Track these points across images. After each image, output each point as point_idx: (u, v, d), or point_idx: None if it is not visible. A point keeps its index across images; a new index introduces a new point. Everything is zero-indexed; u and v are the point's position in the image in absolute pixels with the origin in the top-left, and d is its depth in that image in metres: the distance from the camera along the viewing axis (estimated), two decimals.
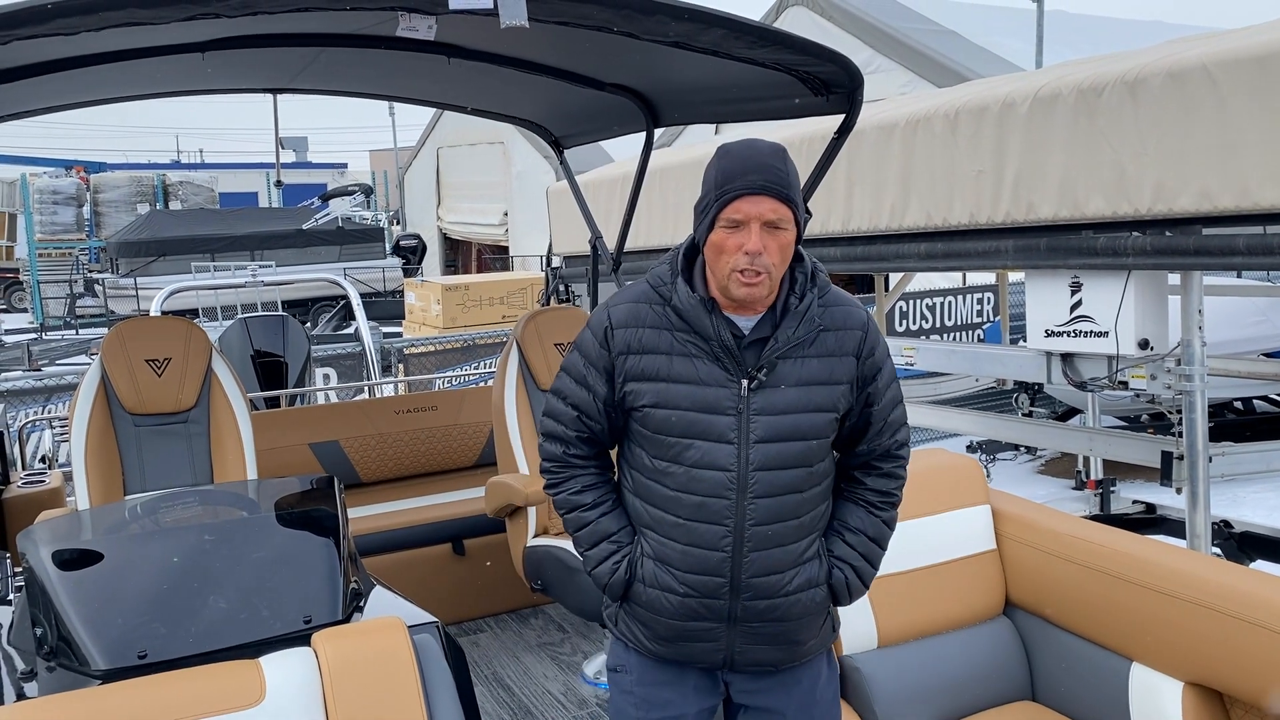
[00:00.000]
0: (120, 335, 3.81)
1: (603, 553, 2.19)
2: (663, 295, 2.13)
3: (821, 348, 2.13)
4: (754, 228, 2.01)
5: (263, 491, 2.99)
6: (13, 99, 3.68)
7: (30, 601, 2.30)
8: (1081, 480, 7.98)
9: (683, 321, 2.10)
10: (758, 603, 2.12)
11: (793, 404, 2.10)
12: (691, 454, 2.09)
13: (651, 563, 2.15)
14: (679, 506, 2.11)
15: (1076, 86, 4.42)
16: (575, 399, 2.19)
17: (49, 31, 2.33)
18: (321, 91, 4.75)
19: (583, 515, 2.21)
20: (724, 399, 2.08)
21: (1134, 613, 2.56)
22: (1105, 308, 4.67)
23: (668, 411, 2.09)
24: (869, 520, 2.24)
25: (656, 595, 2.15)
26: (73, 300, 21.88)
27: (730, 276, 2.03)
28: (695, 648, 2.17)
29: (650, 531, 2.16)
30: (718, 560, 2.10)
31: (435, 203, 27.90)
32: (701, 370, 2.09)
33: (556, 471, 2.24)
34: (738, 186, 2.01)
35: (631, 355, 2.12)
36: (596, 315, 2.20)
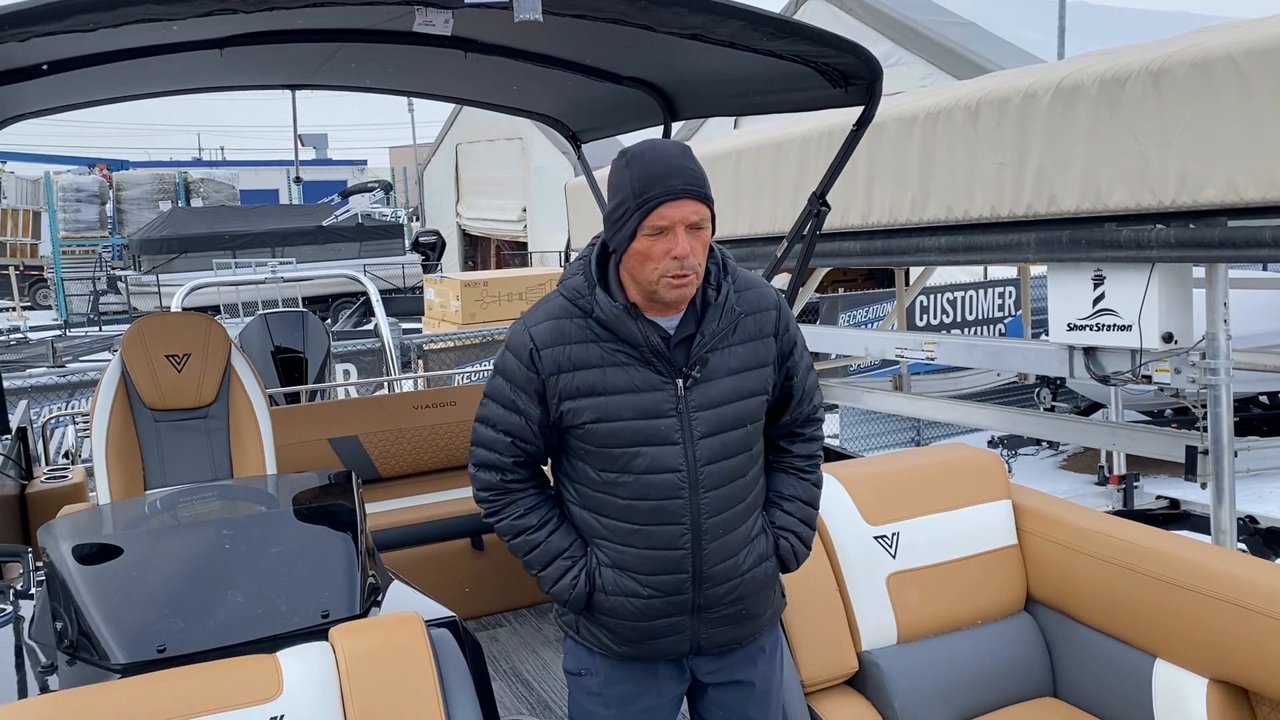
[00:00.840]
0: (140, 331, 3.83)
1: (559, 570, 2.17)
2: (582, 307, 2.10)
3: (744, 334, 2.16)
4: (679, 231, 2.00)
5: (281, 486, 2.99)
6: (34, 97, 3.70)
7: (51, 596, 2.31)
8: (1104, 475, 7.92)
9: (608, 331, 2.08)
10: (718, 589, 2.16)
11: (728, 394, 2.13)
12: (640, 461, 2.09)
13: (611, 571, 2.15)
14: (634, 514, 2.11)
15: (1099, 77, 4.38)
16: (506, 425, 2.15)
17: (67, 28, 2.33)
18: (340, 87, 4.76)
19: (530, 538, 2.18)
20: (662, 402, 2.09)
21: (1158, 608, 2.53)
22: (1129, 301, 4.62)
23: (611, 424, 2.08)
24: (801, 486, 2.31)
25: (620, 601, 2.15)
26: (96, 297, 22.06)
27: (660, 281, 2.03)
28: (662, 643, 2.19)
29: (605, 541, 2.16)
30: (678, 558, 2.12)
31: (454, 199, 27.97)
32: (635, 377, 2.08)
33: (495, 500, 2.20)
34: (659, 193, 1.99)
35: (564, 374, 2.09)
36: (516, 337, 2.13)
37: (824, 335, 8.69)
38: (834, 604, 2.74)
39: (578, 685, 2.30)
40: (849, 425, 9.94)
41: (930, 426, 10.18)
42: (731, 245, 7.30)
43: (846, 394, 8.20)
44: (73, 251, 23.77)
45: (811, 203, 3.98)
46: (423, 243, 22.90)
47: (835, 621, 2.73)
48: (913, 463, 3.07)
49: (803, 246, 4.08)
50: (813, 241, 4.03)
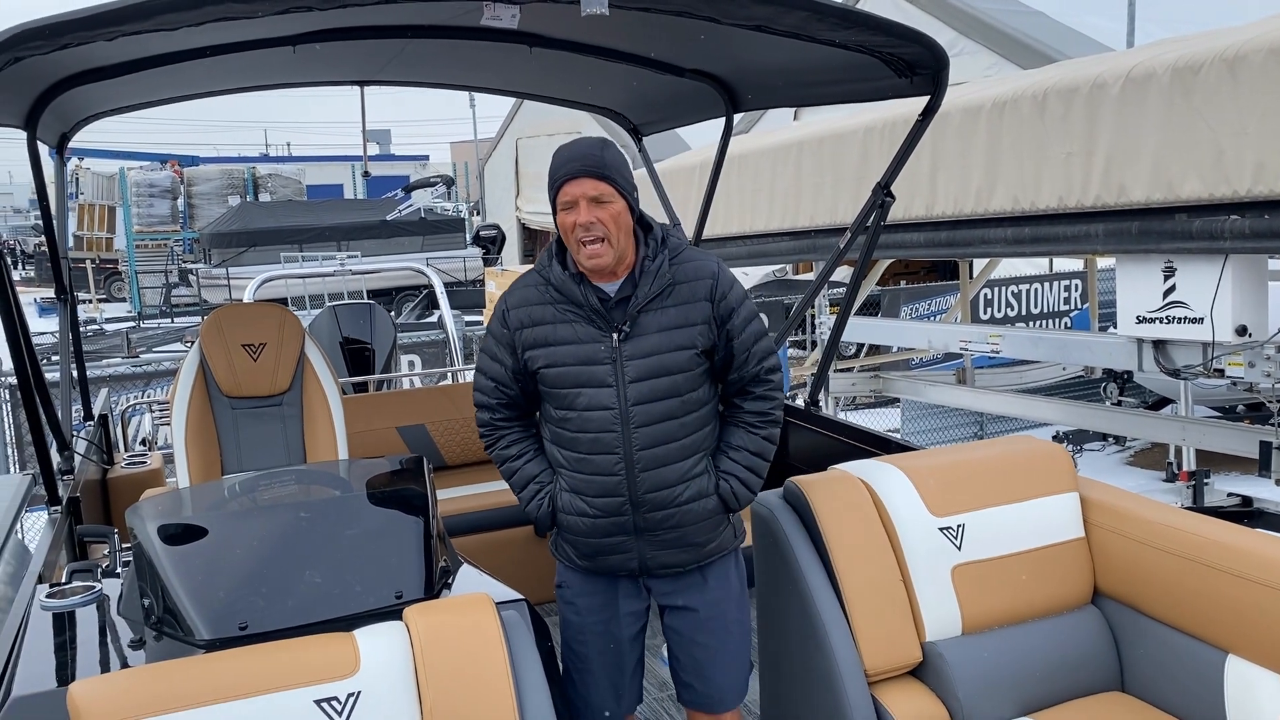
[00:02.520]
0: (218, 321, 3.95)
1: (530, 493, 2.66)
2: (544, 276, 2.59)
3: (677, 298, 2.56)
4: (582, 204, 2.45)
5: (354, 471, 3.07)
6: (116, 94, 3.83)
7: (138, 575, 2.40)
8: (1173, 472, 7.75)
9: (559, 294, 2.55)
10: (655, 514, 2.58)
11: (656, 347, 2.53)
12: (581, 400, 2.54)
13: (568, 494, 2.62)
14: (579, 444, 2.57)
15: (1171, 65, 4.30)
16: (492, 372, 2.65)
17: (152, 27, 2.42)
18: (406, 83, 4.84)
19: (511, 465, 2.69)
20: (599, 352, 2.53)
21: (1230, 604, 2.49)
22: (1200, 293, 4.53)
23: (558, 369, 2.54)
24: (748, 438, 2.67)
25: (575, 520, 2.61)
26: (168, 290, 22.63)
27: (577, 249, 2.48)
28: (612, 559, 2.64)
29: (563, 469, 2.62)
30: (615, 483, 2.56)
31: (514, 193, 28.14)
32: (579, 331, 2.54)
33: (489, 434, 2.72)
34: (563, 174, 2.47)
35: (526, 329, 2.57)
36: (498, 303, 2.64)
37: (886, 328, 8.62)
38: (898, 594, 2.74)
39: (559, 596, 2.79)
40: (911, 419, 9.84)
41: (994, 421, 10.04)
42: (792, 237, 7.29)
43: (909, 387, 8.14)
44: (146, 245, 24.39)
45: (876, 194, 3.96)
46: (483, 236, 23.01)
47: (899, 612, 2.73)
48: (978, 455, 3.05)
49: (866, 238, 4.07)
50: (876, 233, 4.01)
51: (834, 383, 8.16)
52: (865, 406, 10.51)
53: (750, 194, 7.58)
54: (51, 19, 2.35)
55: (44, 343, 11.56)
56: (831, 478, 2.89)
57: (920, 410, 9.76)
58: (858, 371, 8.85)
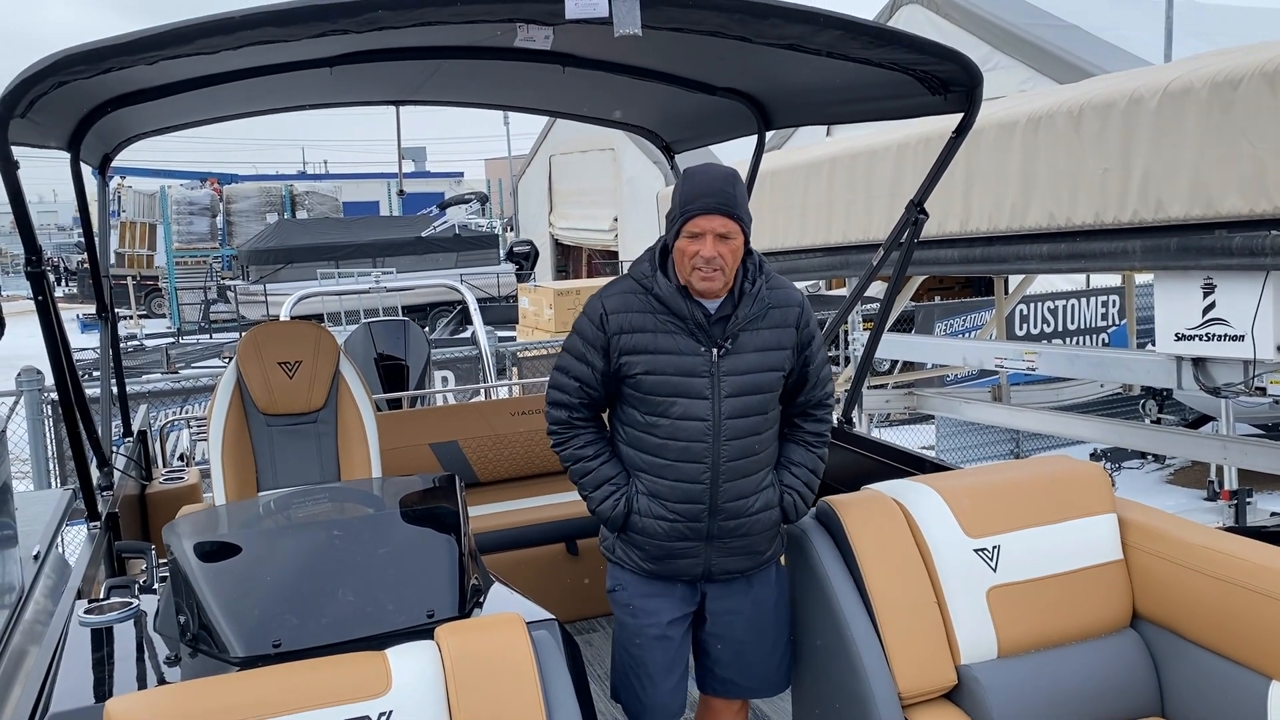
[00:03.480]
0: (255, 339, 3.99)
1: (605, 493, 2.72)
2: (645, 286, 2.67)
3: (770, 321, 2.70)
4: (709, 239, 2.55)
5: (387, 489, 3.09)
6: (158, 115, 3.89)
7: (174, 591, 2.42)
8: (1214, 491, 7.63)
9: (663, 305, 2.64)
10: (729, 522, 2.70)
11: (752, 365, 2.67)
12: (676, 409, 2.63)
13: (645, 498, 2.69)
14: (667, 451, 2.66)
15: (1210, 79, 4.25)
16: (577, 372, 2.71)
17: (192, 51, 2.46)
18: (442, 102, 4.88)
19: (586, 465, 2.74)
20: (698, 364, 2.63)
21: (1274, 629, 2.44)
22: (1241, 310, 4.47)
23: (656, 377, 2.63)
24: (808, 455, 2.84)
25: (651, 523, 2.69)
26: (207, 306, 22.91)
27: (691, 274, 2.59)
28: (679, 564, 2.73)
29: (643, 473, 2.70)
30: (699, 491, 2.66)
31: (547, 209, 28.31)
32: (680, 343, 2.63)
33: (562, 432, 2.77)
34: (696, 207, 2.55)
35: (625, 334, 2.64)
36: (591, 305, 2.71)
37: (919, 344, 8.56)
38: (932, 616, 2.71)
39: (613, 601, 2.85)
40: (945, 436, 9.75)
41: (1030, 439, 9.93)
42: (825, 253, 7.26)
43: (943, 404, 8.07)
44: (185, 262, 24.75)
45: (909, 210, 3.95)
46: (517, 252, 23.22)
47: (934, 634, 2.70)
48: (1013, 475, 3.02)
49: (900, 254, 4.05)
50: (910, 249, 3.99)
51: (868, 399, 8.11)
52: (900, 423, 10.43)
53: (783, 210, 7.57)
54: (95, 44, 2.40)
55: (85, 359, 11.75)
56: (865, 498, 2.88)
57: (955, 427, 9.67)
58: (892, 388, 8.79)
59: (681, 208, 2.57)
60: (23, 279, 4.57)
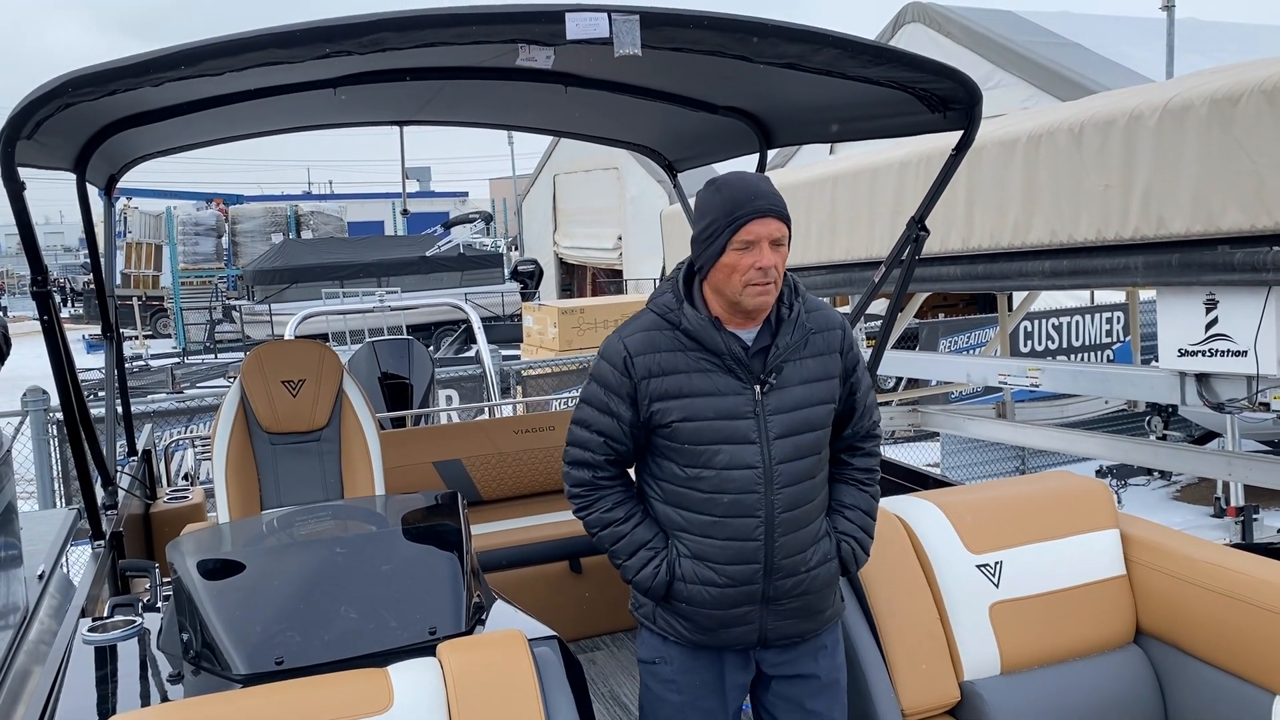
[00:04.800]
0: (259, 358, 4.01)
1: (642, 560, 2.39)
2: (671, 320, 2.36)
3: (814, 348, 2.40)
4: (764, 246, 2.26)
5: (390, 507, 3.09)
6: (163, 136, 3.93)
7: (178, 609, 2.43)
8: (1221, 507, 7.61)
9: (694, 341, 2.33)
10: (786, 581, 2.37)
11: (800, 400, 2.36)
12: (721, 458, 2.31)
13: (690, 561, 2.36)
14: (714, 506, 2.33)
15: (1210, 96, 4.27)
16: (600, 426, 2.39)
17: (198, 73, 2.48)
18: (445, 122, 4.92)
19: (617, 529, 2.41)
20: (741, 405, 2.32)
21: (1278, 644, 2.44)
22: (1244, 326, 4.47)
23: (695, 423, 2.31)
24: (860, 496, 2.51)
25: (698, 590, 2.35)
26: (212, 326, 22.97)
27: (744, 290, 2.27)
28: (733, 632, 2.39)
29: (685, 533, 2.37)
30: (753, 549, 2.34)
31: (552, 228, 28.41)
32: (718, 382, 2.32)
33: (586, 495, 2.44)
34: (748, 211, 2.25)
35: (654, 378, 2.32)
36: (610, 347, 2.40)
37: (924, 361, 8.56)
38: (935, 633, 2.71)
39: (651, 673, 2.49)
40: (950, 453, 9.74)
41: (1035, 455, 9.91)
42: (828, 270, 7.28)
43: (948, 421, 8.06)
44: (191, 282, 24.85)
45: (910, 228, 3.96)
46: (521, 271, 23.31)
47: (937, 650, 2.70)
48: (1015, 491, 3.02)
49: (901, 271, 4.06)
50: (911, 266, 4.00)
51: None
52: (904, 440, 10.42)
53: None
54: (101, 66, 2.42)
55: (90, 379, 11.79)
56: None
57: (960, 444, 9.66)
58: (896, 405, 8.79)
59: (729, 215, 2.26)
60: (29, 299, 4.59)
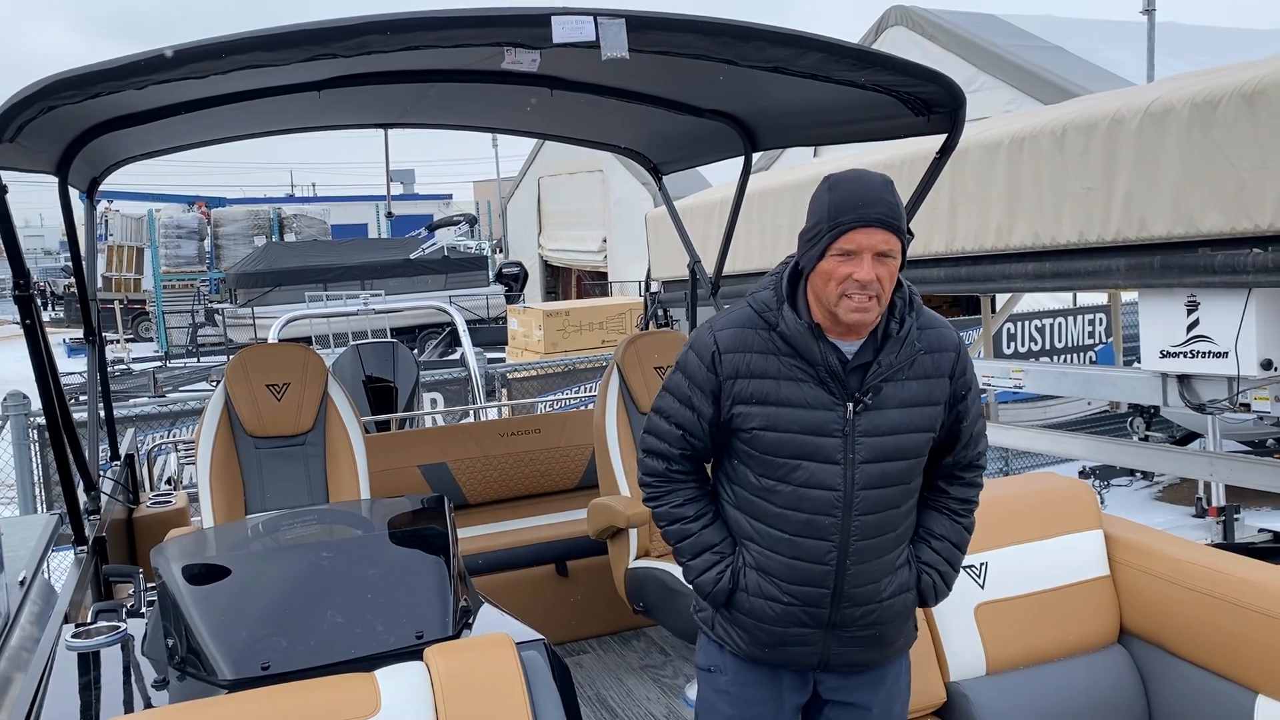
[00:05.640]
0: (243, 361, 3.99)
1: (706, 562, 2.27)
2: (767, 320, 2.19)
3: (920, 370, 2.21)
4: (866, 258, 2.07)
5: (376, 511, 3.08)
6: (146, 139, 3.91)
7: (162, 614, 2.42)
8: (1203, 507, 7.66)
9: (789, 346, 2.17)
10: (855, 610, 2.23)
11: (896, 425, 2.18)
12: (799, 474, 2.16)
13: (755, 573, 2.24)
14: (785, 523, 2.20)
15: (1190, 100, 4.30)
16: (679, 418, 2.27)
17: (182, 75, 2.48)
18: (430, 125, 4.91)
19: (685, 527, 2.30)
20: (830, 422, 2.15)
21: (1260, 643, 2.46)
22: (1224, 327, 4.51)
23: (777, 434, 2.16)
24: (952, 527, 2.35)
25: (760, 604, 2.24)
26: (194, 329, 22.85)
27: (840, 303, 2.10)
28: (793, 651, 2.27)
29: (753, 544, 2.25)
30: (822, 573, 2.20)
31: (536, 231, 28.38)
32: (808, 394, 2.15)
33: (658, 485, 2.33)
34: (852, 219, 2.07)
35: (740, 379, 2.18)
36: (700, 338, 2.25)
37: None
38: (921, 634, 2.72)
39: (707, 681, 2.41)
40: None
41: (1019, 456, 9.96)
42: None
43: None
44: (173, 286, 24.70)
45: None
46: (506, 274, 23.27)
47: (922, 651, 2.71)
48: (1000, 492, 3.03)
49: None
50: None
51: None
52: None
53: (771, 230, 7.60)
54: (84, 69, 2.41)
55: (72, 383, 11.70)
56: None
57: None
58: None
59: (830, 219, 2.09)
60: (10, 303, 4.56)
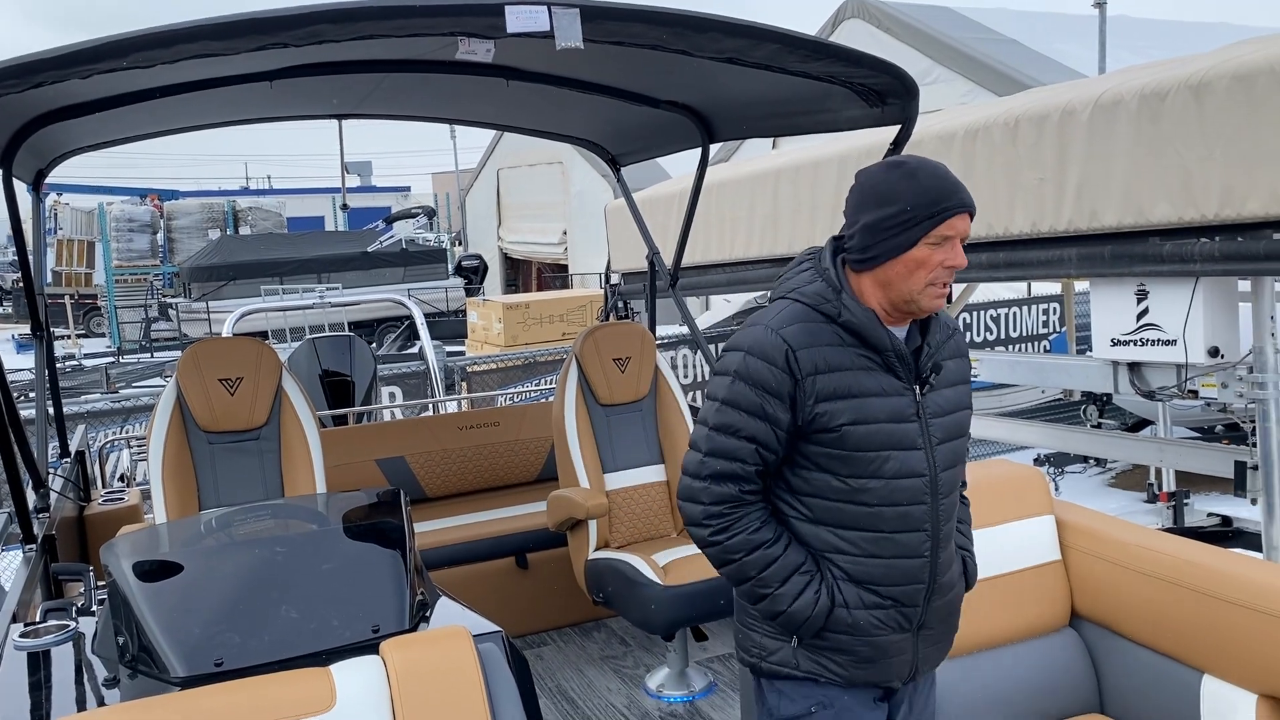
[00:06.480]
0: (195, 355, 3.94)
1: (798, 585, 2.08)
2: (826, 313, 2.09)
3: (950, 350, 2.23)
4: (958, 243, 2.05)
5: (331, 505, 3.06)
6: (93, 130, 3.84)
7: (112, 612, 2.38)
8: (1154, 493, 7.81)
9: (853, 336, 2.09)
10: (939, 601, 2.17)
11: (953, 403, 2.19)
12: (891, 465, 2.08)
13: (850, 585, 2.10)
14: (881, 521, 2.09)
15: (1139, 91, 4.37)
16: (751, 431, 2.08)
17: (128, 65, 2.43)
18: (385, 116, 4.87)
19: (768, 552, 2.09)
20: (906, 406, 2.10)
21: (1206, 624, 2.51)
22: (1173, 315, 4.59)
23: (867, 426, 2.06)
24: (965, 511, 2.36)
25: (863, 616, 2.10)
26: (148, 324, 22.51)
27: (925, 290, 2.05)
28: (892, 663, 2.15)
29: (842, 555, 2.10)
30: (918, 566, 2.12)
31: (496, 223, 28.27)
32: (883, 382, 2.09)
33: (729, 514, 2.10)
34: (954, 205, 2.02)
35: (820, 375, 2.06)
36: (763, 341, 2.08)
37: None
38: None
39: None
40: None
41: (974, 444, 10.09)
42: (771, 265, 7.33)
43: None
44: (125, 280, 24.29)
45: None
46: (465, 267, 23.15)
47: None
48: None
49: None
50: None
51: None
52: None
53: (730, 222, 7.63)
54: (25, 58, 2.36)
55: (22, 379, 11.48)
56: None
57: None
58: None
59: (933, 205, 2.01)
60: None
